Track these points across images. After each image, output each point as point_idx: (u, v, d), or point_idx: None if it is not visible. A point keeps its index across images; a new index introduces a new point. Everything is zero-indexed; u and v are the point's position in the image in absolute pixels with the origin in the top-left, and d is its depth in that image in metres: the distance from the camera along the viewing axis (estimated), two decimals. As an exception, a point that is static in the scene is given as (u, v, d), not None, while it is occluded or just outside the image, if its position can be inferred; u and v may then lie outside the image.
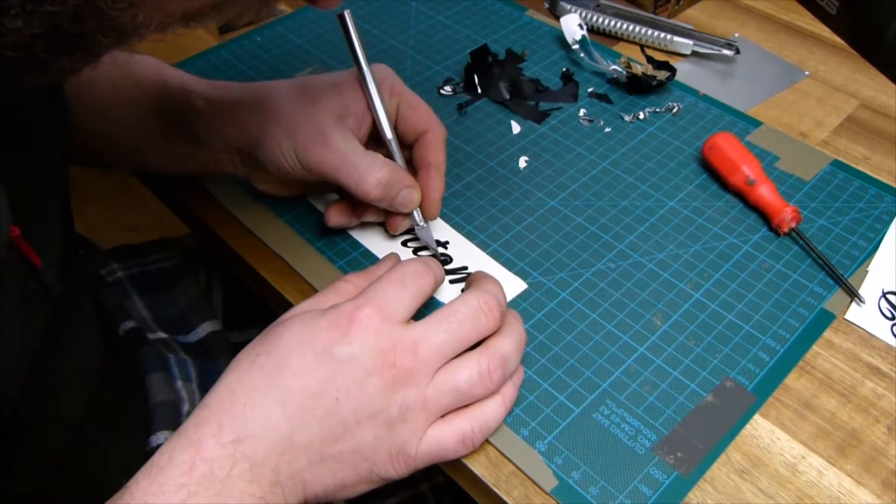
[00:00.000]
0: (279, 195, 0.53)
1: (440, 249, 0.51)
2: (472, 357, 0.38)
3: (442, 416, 0.38)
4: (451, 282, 0.48)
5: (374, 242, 0.51)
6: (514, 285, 0.48)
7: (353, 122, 0.47)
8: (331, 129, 0.45)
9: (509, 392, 0.40)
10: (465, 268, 0.49)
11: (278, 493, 0.35)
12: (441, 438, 0.38)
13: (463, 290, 0.41)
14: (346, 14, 0.46)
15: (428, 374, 0.37)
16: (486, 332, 0.39)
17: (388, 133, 0.48)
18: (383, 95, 0.47)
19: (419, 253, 0.50)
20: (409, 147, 0.50)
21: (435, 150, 0.49)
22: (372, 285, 0.39)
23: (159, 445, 0.48)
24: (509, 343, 0.39)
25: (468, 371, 0.38)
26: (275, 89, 0.48)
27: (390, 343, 0.37)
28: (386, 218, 0.50)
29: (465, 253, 0.50)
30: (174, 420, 0.50)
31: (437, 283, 0.41)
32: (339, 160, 0.45)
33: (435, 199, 0.49)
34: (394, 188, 0.46)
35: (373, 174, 0.45)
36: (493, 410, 0.39)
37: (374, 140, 0.49)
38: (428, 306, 0.41)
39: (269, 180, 0.51)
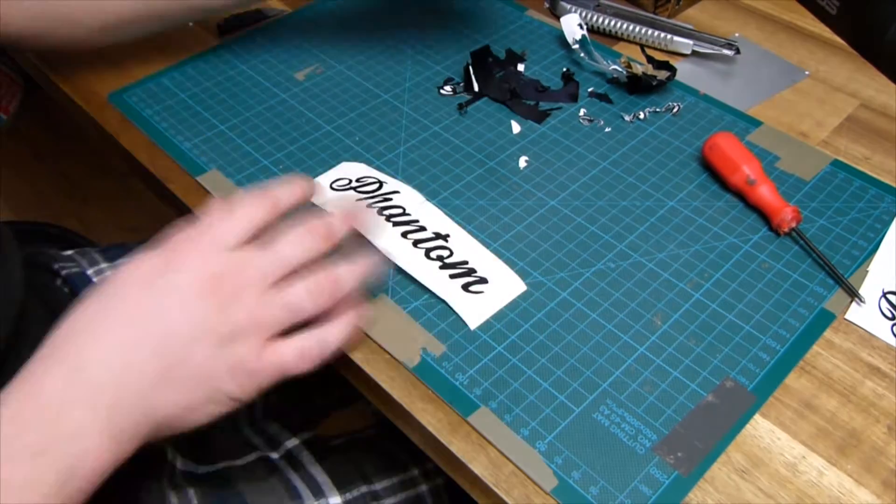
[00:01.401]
0: None
1: (440, 242, 0.51)
2: (302, 276, 0.41)
3: (280, 335, 0.40)
4: (451, 276, 0.48)
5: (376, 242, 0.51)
6: (514, 285, 0.48)
7: None
8: None
9: (350, 316, 0.42)
10: (466, 262, 0.49)
11: (122, 414, 0.36)
12: (279, 353, 0.40)
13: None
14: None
15: (255, 293, 0.39)
16: (311, 252, 0.41)
17: None
18: None
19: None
20: None
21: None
22: (203, 217, 0.41)
23: None
24: (346, 267, 0.42)
25: (296, 287, 0.40)
26: None
27: (216, 266, 0.39)
28: None
29: (465, 247, 0.50)
30: None
31: (275, 209, 0.42)
32: None
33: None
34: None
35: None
36: (334, 331, 0.41)
37: None
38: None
39: None
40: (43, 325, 0.42)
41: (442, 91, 0.63)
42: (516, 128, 0.60)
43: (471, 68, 0.63)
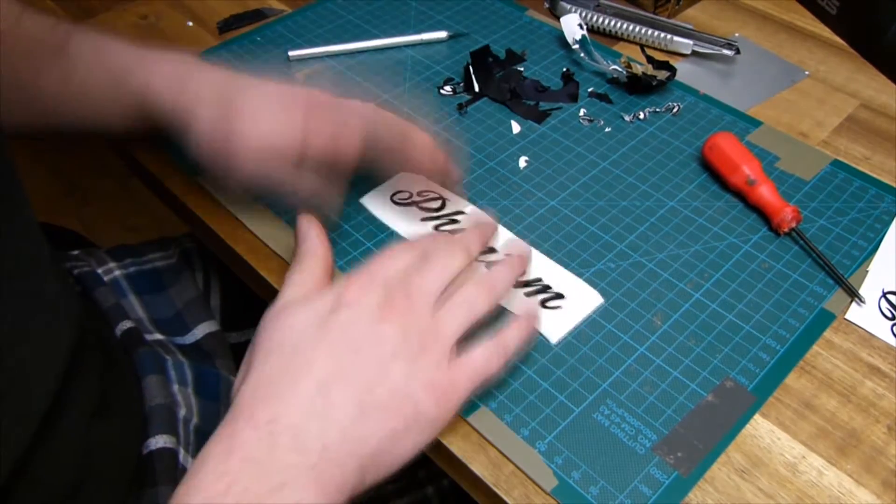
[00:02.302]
0: (227, 183, 0.49)
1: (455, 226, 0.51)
2: (458, 281, 0.41)
3: (462, 347, 0.40)
4: (526, 294, 0.48)
5: (380, 242, 0.51)
6: (591, 298, 0.48)
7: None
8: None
9: (525, 319, 0.43)
10: (540, 279, 0.48)
11: (328, 458, 0.35)
12: (468, 361, 0.40)
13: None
14: None
15: (427, 305, 0.39)
16: (463, 259, 0.42)
17: None
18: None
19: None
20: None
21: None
22: (365, 268, 0.41)
23: (156, 450, 0.47)
24: (495, 266, 0.43)
25: (465, 287, 0.41)
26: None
27: (384, 293, 0.39)
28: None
29: (538, 264, 0.50)
30: (170, 425, 0.50)
31: (469, 258, 0.43)
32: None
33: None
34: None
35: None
36: (513, 333, 0.41)
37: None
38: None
39: (223, 158, 0.48)
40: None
41: (442, 91, 0.63)
42: (516, 128, 0.60)
43: (471, 68, 0.63)
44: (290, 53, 0.66)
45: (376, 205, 0.53)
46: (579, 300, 0.48)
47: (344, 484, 0.35)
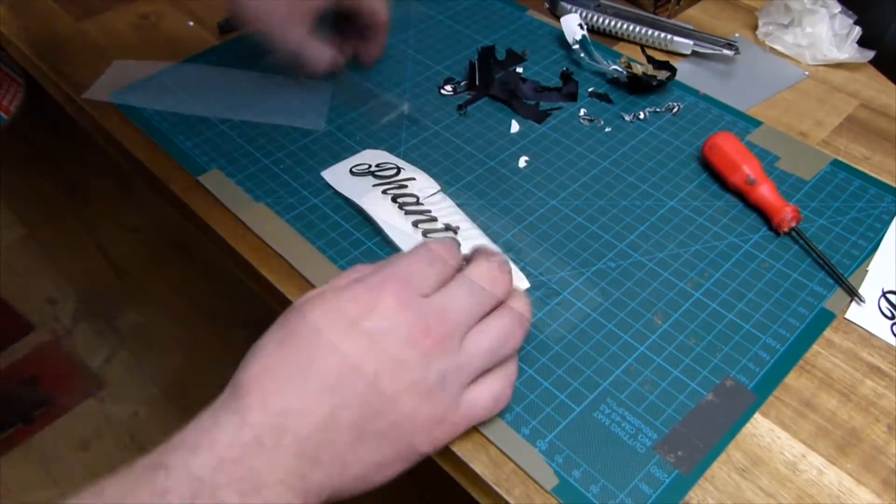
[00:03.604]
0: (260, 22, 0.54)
1: (449, 234, 0.51)
2: (496, 318, 0.39)
3: (472, 382, 0.39)
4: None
5: (380, 243, 0.51)
6: (518, 282, 0.48)
7: None
8: None
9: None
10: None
11: (318, 472, 0.34)
12: (477, 401, 0.39)
13: (466, 261, 0.42)
14: None
15: (459, 339, 0.37)
16: (502, 293, 0.40)
17: None
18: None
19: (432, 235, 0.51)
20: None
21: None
22: (395, 261, 0.39)
23: None
24: (521, 303, 0.41)
25: (495, 332, 0.39)
26: None
27: (420, 312, 0.37)
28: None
29: (473, 241, 0.50)
30: None
31: (459, 268, 0.41)
32: None
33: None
34: None
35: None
36: (513, 367, 0.41)
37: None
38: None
39: None
40: None
41: (442, 91, 0.63)
42: (515, 127, 0.60)
43: (476, 66, 0.63)
44: None
45: (336, 178, 0.55)
46: None
47: (318, 498, 0.34)
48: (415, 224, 0.51)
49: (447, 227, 0.51)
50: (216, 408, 0.34)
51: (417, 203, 0.52)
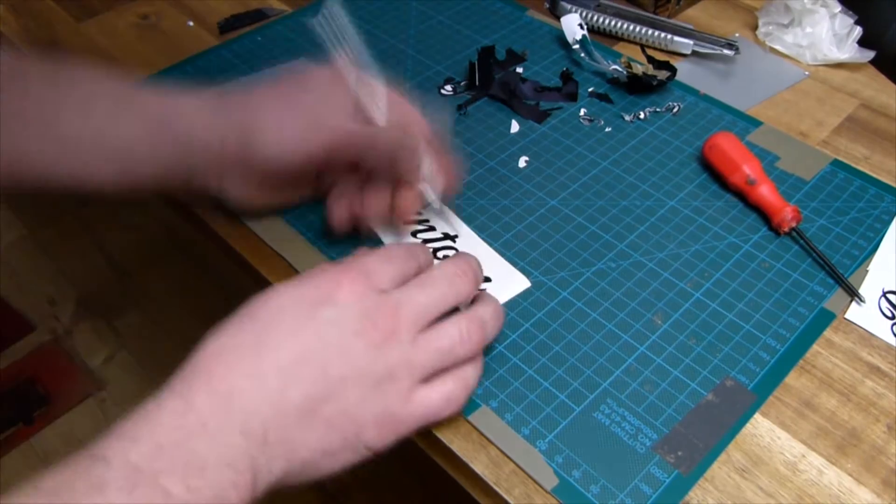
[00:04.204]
0: (255, 205, 0.51)
1: (448, 242, 0.51)
2: (453, 320, 0.39)
3: (424, 380, 0.39)
4: None
5: (386, 240, 0.51)
6: (518, 282, 0.49)
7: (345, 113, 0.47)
8: (329, 107, 0.46)
9: (480, 358, 0.41)
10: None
11: (265, 452, 0.34)
12: (427, 400, 0.38)
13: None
14: (328, 9, 0.45)
15: (410, 335, 0.38)
16: (463, 295, 0.40)
17: (381, 118, 0.47)
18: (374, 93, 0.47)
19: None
20: None
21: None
22: (357, 257, 0.40)
23: None
24: (487, 310, 0.41)
25: (450, 333, 0.39)
26: (258, 89, 0.47)
27: (373, 305, 0.38)
28: (395, 202, 0.49)
29: (472, 249, 0.50)
30: None
31: (421, 271, 0.42)
32: (346, 117, 0.45)
33: (444, 165, 0.49)
34: (404, 121, 0.47)
35: (381, 113, 0.46)
36: (472, 372, 0.40)
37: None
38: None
39: (248, 186, 0.48)
40: None
41: (442, 91, 0.63)
42: (515, 127, 0.60)
43: (476, 65, 0.63)
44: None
45: None
46: (506, 284, 0.48)
47: (267, 481, 0.34)
48: (413, 234, 0.51)
49: (446, 236, 0.51)
50: (163, 391, 0.34)
51: (416, 213, 0.52)
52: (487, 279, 0.49)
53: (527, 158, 0.57)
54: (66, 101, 0.45)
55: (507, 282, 0.49)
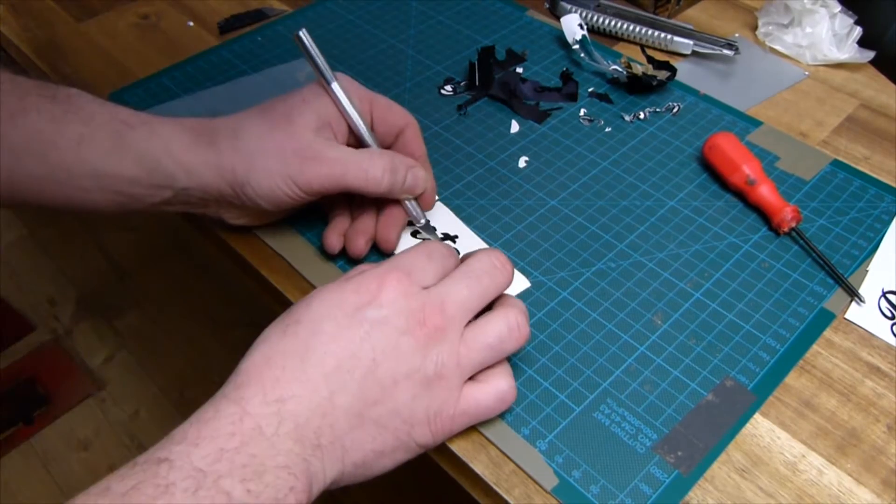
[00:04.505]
0: (256, 224, 0.51)
1: (448, 242, 0.51)
2: (498, 312, 0.39)
3: (472, 378, 0.39)
4: None
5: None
6: (517, 283, 0.49)
7: (331, 132, 0.47)
8: (318, 142, 0.45)
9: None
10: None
11: (319, 456, 0.34)
12: (479, 397, 0.39)
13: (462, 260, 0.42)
14: (303, 34, 0.46)
15: (457, 331, 0.38)
16: (502, 286, 0.40)
17: (367, 136, 0.48)
18: (353, 101, 0.47)
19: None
20: (388, 147, 0.50)
21: (417, 144, 0.50)
22: (398, 256, 0.40)
23: None
24: (520, 305, 0.41)
25: (497, 326, 0.39)
26: (245, 122, 0.46)
27: (419, 303, 0.37)
28: (380, 231, 0.49)
29: (472, 248, 0.50)
30: None
31: (457, 265, 0.41)
32: (339, 168, 0.45)
33: (430, 188, 0.50)
34: (399, 170, 0.47)
35: (376, 163, 0.46)
36: (508, 367, 0.40)
37: (353, 146, 0.48)
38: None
39: (247, 214, 0.49)
40: None
41: (442, 91, 0.63)
42: (515, 127, 0.60)
43: (476, 65, 0.63)
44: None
45: None
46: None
47: (322, 483, 0.35)
48: (413, 234, 0.51)
49: (446, 237, 0.51)
50: (217, 398, 0.35)
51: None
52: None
53: (527, 158, 0.57)
54: (63, 136, 0.44)
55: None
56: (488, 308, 0.40)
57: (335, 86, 0.47)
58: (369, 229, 0.49)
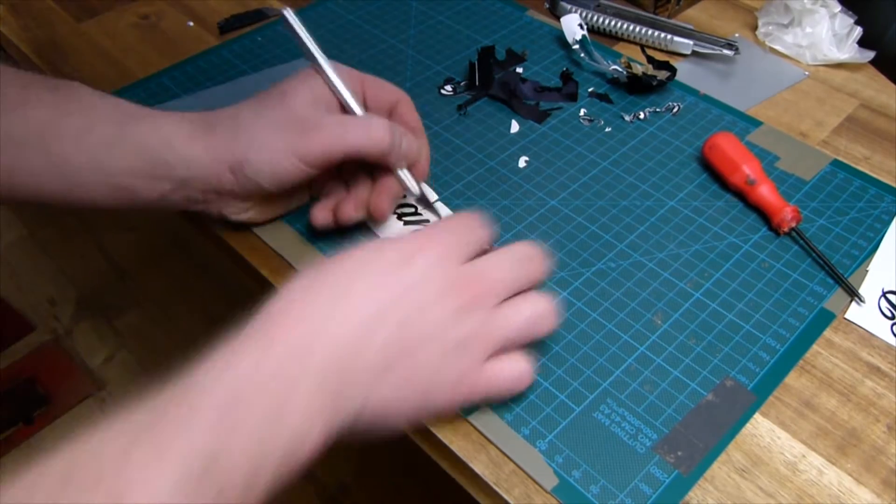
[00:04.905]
0: (257, 221, 0.51)
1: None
2: (530, 298, 0.40)
3: (496, 354, 0.39)
4: None
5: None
6: None
7: (326, 107, 0.47)
8: (316, 112, 0.46)
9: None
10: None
11: (341, 399, 0.35)
12: (500, 371, 0.39)
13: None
14: (287, 12, 0.47)
15: (491, 305, 0.38)
16: (538, 276, 0.41)
17: (360, 111, 0.48)
18: (345, 81, 0.48)
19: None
20: None
21: (412, 116, 0.50)
22: (435, 227, 0.40)
23: None
24: (549, 297, 0.41)
25: (533, 306, 0.39)
26: (242, 107, 0.46)
27: (456, 272, 0.38)
28: (373, 199, 0.49)
29: None
30: None
31: (492, 243, 0.42)
32: (340, 131, 0.45)
33: (424, 156, 0.50)
34: (398, 131, 0.47)
35: (376, 122, 0.46)
36: (528, 357, 0.41)
37: None
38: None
39: (249, 206, 0.49)
40: None
41: (442, 91, 0.63)
42: (515, 127, 0.60)
43: (476, 65, 0.63)
44: None
45: None
46: None
47: (340, 430, 0.35)
48: (400, 217, 0.51)
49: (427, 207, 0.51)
50: (239, 337, 0.34)
51: (416, 213, 0.52)
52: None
53: (527, 158, 0.57)
54: (64, 127, 0.44)
55: None
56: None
57: (324, 62, 0.47)
58: (362, 197, 0.49)
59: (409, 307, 0.36)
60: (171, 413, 0.30)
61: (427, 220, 0.52)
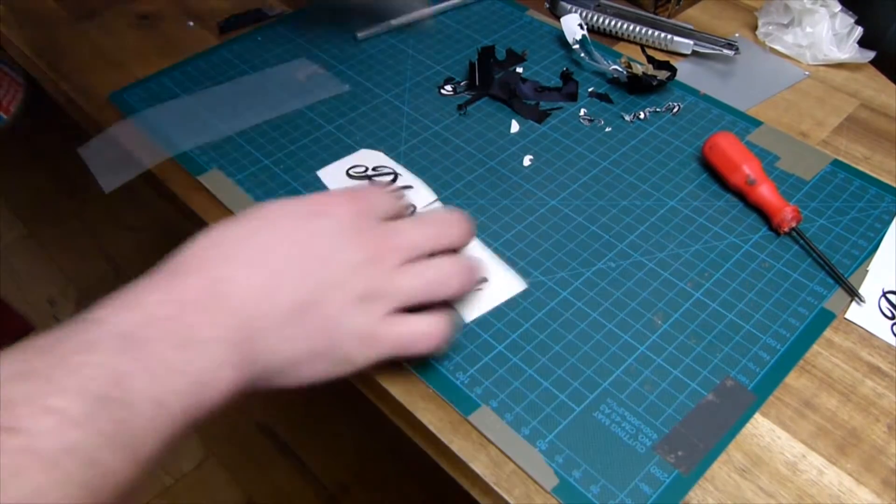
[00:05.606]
0: None
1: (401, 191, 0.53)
2: (444, 258, 0.41)
3: (406, 310, 0.39)
4: None
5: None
6: (515, 284, 0.49)
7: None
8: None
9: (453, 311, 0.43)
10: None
11: (251, 343, 0.35)
12: (406, 326, 0.39)
13: None
14: None
15: (398, 262, 0.39)
16: (456, 242, 0.42)
17: None
18: None
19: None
20: None
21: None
22: (353, 189, 0.42)
23: None
24: (474, 262, 0.42)
25: (437, 268, 0.40)
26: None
27: (367, 226, 0.39)
28: None
29: (469, 249, 0.50)
30: None
31: (403, 210, 0.43)
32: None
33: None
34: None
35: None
36: (450, 316, 0.41)
37: None
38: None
39: None
40: None
41: (442, 91, 0.63)
42: (515, 127, 0.60)
43: (476, 65, 0.63)
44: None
45: (332, 178, 0.55)
46: (501, 285, 0.48)
47: (250, 377, 0.35)
48: (347, 172, 0.52)
49: (393, 183, 0.52)
50: (152, 275, 0.35)
51: (413, 213, 0.52)
52: (484, 279, 0.49)
53: (531, 157, 0.57)
54: None
55: (504, 283, 0.49)
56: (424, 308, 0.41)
57: None
58: None
59: (316, 255, 0.37)
60: (73, 339, 0.30)
61: (400, 188, 0.53)
